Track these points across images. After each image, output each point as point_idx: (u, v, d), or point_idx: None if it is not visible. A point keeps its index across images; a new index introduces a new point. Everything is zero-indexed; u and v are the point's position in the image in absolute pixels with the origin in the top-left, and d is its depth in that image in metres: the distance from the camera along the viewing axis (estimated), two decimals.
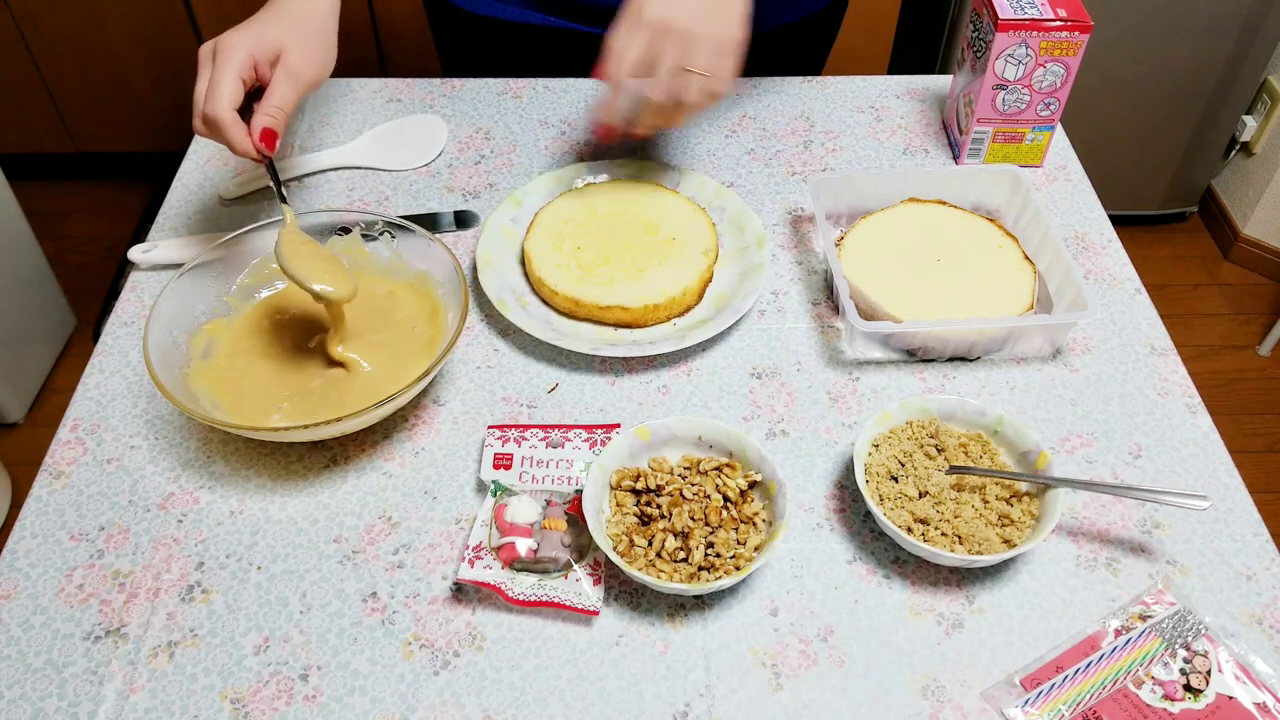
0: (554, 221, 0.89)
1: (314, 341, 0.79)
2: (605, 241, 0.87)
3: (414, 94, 1.08)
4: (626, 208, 0.90)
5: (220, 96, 0.75)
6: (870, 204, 0.92)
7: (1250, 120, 2.16)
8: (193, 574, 0.69)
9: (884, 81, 1.11)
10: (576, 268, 0.85)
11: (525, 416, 0.78)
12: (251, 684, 0.63)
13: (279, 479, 0.74)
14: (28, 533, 0.71)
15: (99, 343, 0.83)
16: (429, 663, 0.64)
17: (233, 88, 0.76)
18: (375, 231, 0.83)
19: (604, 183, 0.93)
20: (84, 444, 0.76)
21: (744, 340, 0.84)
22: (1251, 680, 0.63)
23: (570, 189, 0.93)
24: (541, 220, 0.89)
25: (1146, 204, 2.30)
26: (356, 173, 0.99)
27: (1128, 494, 0.70)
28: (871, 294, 0.83)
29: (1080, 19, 0.90)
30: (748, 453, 0.71)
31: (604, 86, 0.80)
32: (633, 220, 0.89)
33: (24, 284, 1.89)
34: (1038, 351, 0.83)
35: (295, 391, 0.76)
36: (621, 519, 0.69)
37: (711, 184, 0.94)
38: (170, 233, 0.93)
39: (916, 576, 0.69)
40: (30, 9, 2.04)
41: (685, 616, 0.67)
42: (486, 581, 0.66)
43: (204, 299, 0.79)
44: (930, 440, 0.73)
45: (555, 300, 0.84)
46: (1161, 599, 0.67)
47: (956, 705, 0.63)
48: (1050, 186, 0.99)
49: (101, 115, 2.24)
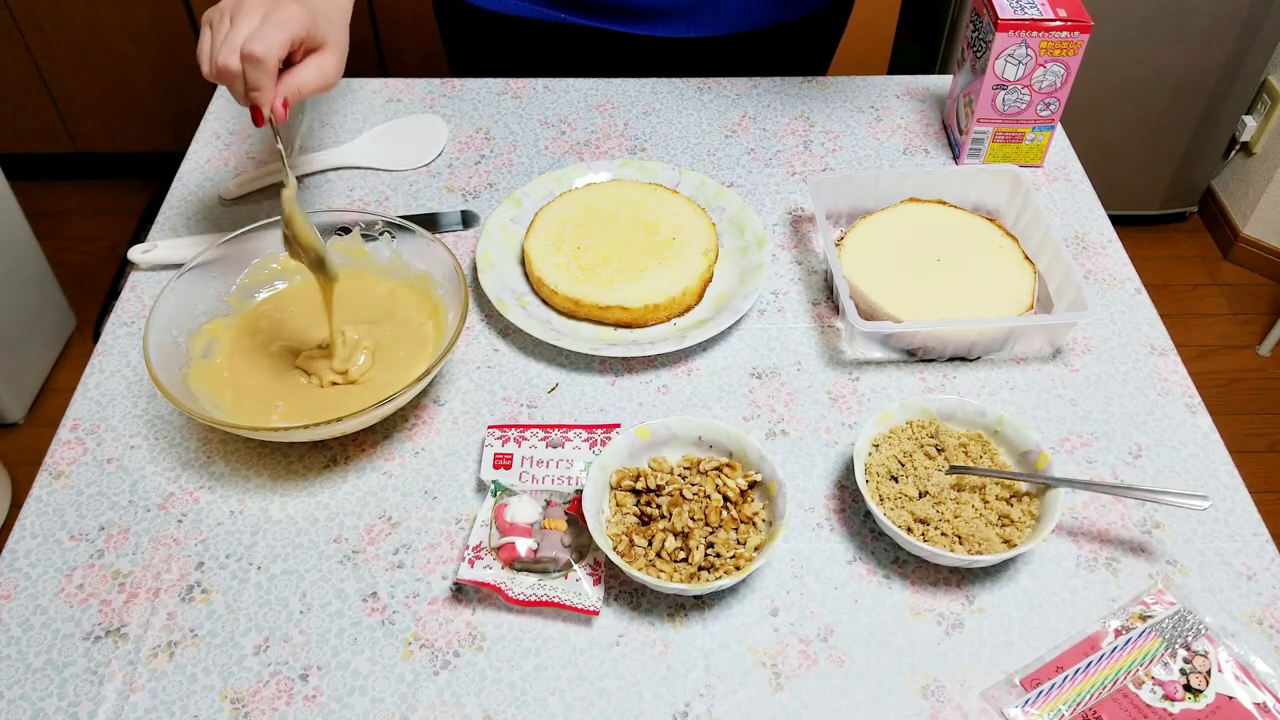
0: (554, 221, 0.89)
1: (313, 350, 0.79)
2: (605, 241, 0.87)
3: (414, 94, 1.08)
4: (626, 208, 0.90)
5: (273, 43, 0.70)
6: (870, 204, 0.92)
7: (1250, 120, 2.16)
8: (193, 574, 0.69)
9: (884, 81, 1.11)
10: (576, 268, 0.85)
11: (525, 416, 0.78)
12: (251, 684, 0.63)
13: (279, 479, 0.74)
14: (28, 533, 0.71)
15: (99, 343, 0.83)
16: (429, 663, 0.64)
17: (283, 46, 0.71)
18: (375, 231, 0.83)
19: (604, 182, 0.93)
20: (84, 444, 0.76)
21: (744, 340, 0.84)
22: (1251, 680, 0.63)
23: (570, 189, 0.93)
24: (541, 220, 0.89)
25: (1146, 204, 2.30)
26: (356, 173, 0.99)
27: (1128, 494, 0.70)
28: (871, 294, 0.83)
29: (1080, 19, 0.90)
30: (748, 453, 0.71)
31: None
32: (632, 220, 0.89)
33: (24, 284, 1.89)
34: (1038, 352, 0.83)
35: (295, 391, 0.76)
36: (621, 519, 0.69)
37: (711, 184, 0.94)
38: (170, 233, 0.93)
39: (916, 576, 0.69)
40: (30, 9, 2.04)
41: (685, 616, 0.67)
42: (486, 581, 0.66)
43: (204, 299, 0.79)
44: (930, 440, 0.73)
45: (555, 300, 0.84)
46: (1161, 599, 0.67)
47: (956, 705, 0.63)
48: (1050, 186, 0.99)
49: (101, 115, 2.24)
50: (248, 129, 1.03)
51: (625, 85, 1.09)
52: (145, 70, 2.15)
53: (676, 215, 0.90)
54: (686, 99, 1.07)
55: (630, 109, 1.06)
